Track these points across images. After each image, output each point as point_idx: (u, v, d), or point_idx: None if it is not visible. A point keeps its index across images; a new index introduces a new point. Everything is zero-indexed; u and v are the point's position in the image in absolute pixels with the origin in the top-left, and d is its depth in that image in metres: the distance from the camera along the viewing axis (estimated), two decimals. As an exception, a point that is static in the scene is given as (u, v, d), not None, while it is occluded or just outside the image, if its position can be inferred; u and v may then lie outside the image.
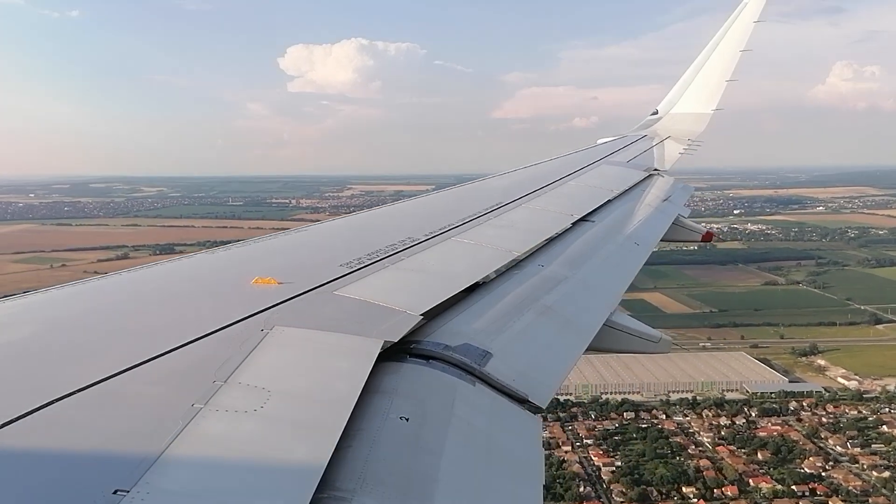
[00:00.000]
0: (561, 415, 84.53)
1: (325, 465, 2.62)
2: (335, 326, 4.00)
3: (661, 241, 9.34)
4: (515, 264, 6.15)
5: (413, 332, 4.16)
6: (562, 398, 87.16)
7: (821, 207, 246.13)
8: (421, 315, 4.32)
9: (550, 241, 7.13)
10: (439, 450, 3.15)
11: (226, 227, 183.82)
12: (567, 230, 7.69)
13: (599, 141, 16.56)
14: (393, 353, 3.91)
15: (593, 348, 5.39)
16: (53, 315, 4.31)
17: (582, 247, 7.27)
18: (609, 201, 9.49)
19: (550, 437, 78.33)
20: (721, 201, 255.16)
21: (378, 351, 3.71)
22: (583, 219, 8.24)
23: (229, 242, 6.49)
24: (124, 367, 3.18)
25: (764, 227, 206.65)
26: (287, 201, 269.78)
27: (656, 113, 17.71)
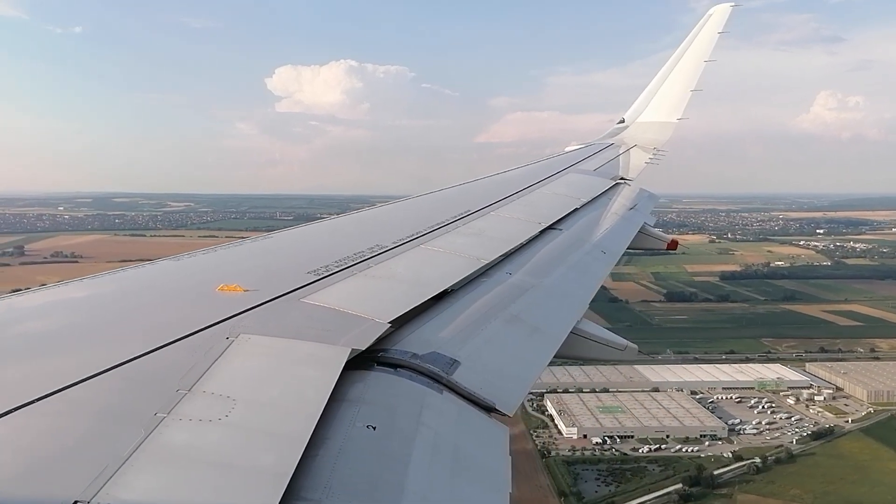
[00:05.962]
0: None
1: (292, 473, 2.61)
2: (302, 334, 3.97)
3: (627, 249, 9.45)
4: (483, 272, 6.17)
5: (381, 340, 4.16)
6: (873, 409, 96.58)
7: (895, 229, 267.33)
8: (389, 323, 4.32)
9: (518, 249, 7.17)
10: (406, 458, 3.15)
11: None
12: (535, 238, 7.74)
13: (567, 149, 16.68)
14: (360, 362, 3.89)
15: (561, 356, 5.44)
16: (10, 322, 4.21)
17: (549, 255, 7.32)
18: (576, 210, 9.58)
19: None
20: (782, 223, 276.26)
21: (345, 359, 3.70)
22: (550, 227, 8.30)
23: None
24: (84, 376, 3.12)
25: (868, 245, 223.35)
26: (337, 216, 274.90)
27: (623, 121, 17.90)
